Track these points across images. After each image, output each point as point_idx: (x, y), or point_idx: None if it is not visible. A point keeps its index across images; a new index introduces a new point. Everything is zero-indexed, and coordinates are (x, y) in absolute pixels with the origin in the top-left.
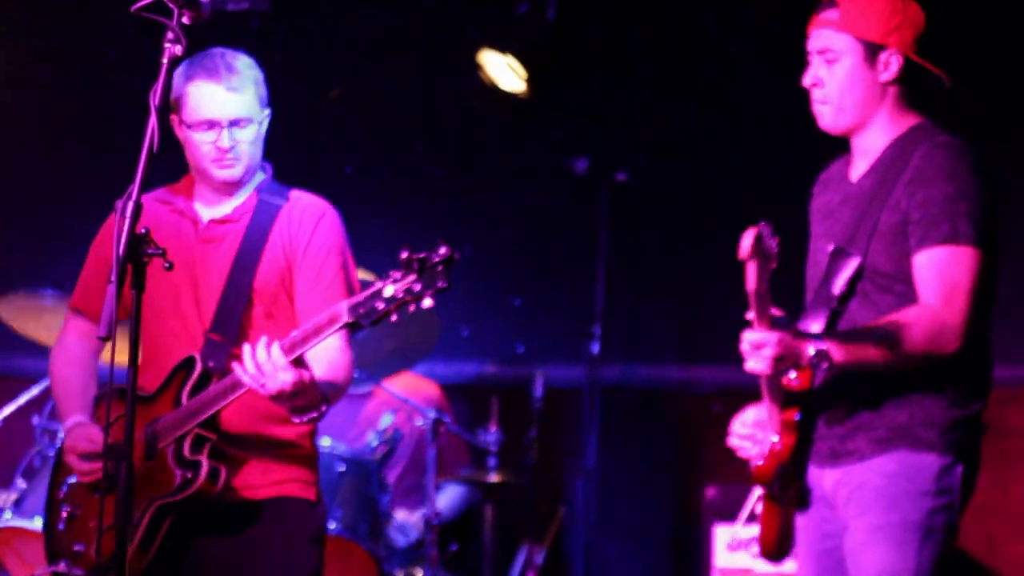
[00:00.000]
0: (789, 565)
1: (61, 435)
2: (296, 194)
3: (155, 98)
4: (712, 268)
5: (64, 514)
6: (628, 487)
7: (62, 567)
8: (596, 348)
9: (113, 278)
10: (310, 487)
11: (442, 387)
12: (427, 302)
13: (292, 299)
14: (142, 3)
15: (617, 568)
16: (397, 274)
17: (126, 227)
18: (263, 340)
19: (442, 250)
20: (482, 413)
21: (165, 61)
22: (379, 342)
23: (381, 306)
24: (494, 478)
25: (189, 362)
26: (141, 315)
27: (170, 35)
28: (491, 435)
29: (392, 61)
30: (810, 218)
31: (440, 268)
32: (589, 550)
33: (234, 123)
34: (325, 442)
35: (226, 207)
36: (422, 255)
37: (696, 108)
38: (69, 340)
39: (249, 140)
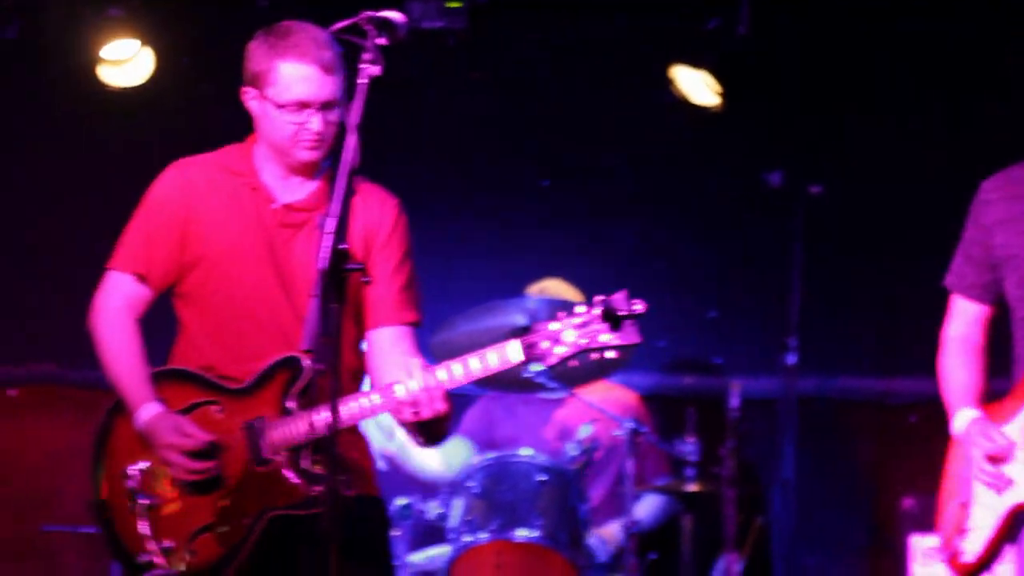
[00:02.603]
0: None
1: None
2: (363, 182)
3: (355, 117)
4: (910, 279)
5: (144, 504)
6: (825, 498)
7: (145, 560)
8: (792, 359)
9: (317, 292)
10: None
11: (640, 397)
12: (610, 353)
13: (366, 291)
14: (340, 25)
15: None
16: (579, 318)
17: (329, 242)
18: (416, 363)
19: (638, 306)
20: (678, 424)
21: (363, 81)
22: None
23: (562, 351)
24: (692, 488)
25: (291, 363)
26: (216, 294)
27: (367, 56)
28: (689, 445)
29: (586, 75)
30: (988, 220)
31: (631, 322)
32: (788, 561)
33: (325, 105)
34: (525, 452)
35: (299, 191)
36: (615, 305)
37: (890, 120)
38: (116, 305)
39: (335, 122)
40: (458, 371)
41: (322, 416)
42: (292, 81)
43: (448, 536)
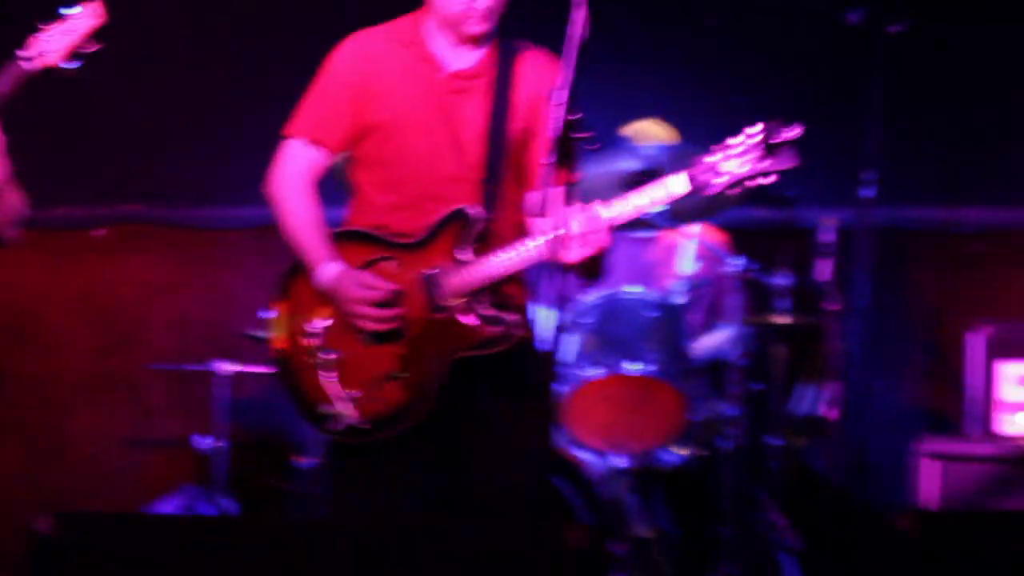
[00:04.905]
0: None
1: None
2: (522, 44)
3: None
4: (981, 112)
5: (328, 358)
6: (897, 326)
7: (327, 410)
8: (869, 192)
9: (549, 159)
10: None
11: (726, 230)
12: (769, 179)
13: (530, 151)
14: None
15: (881, 400)
16: (737, 148)
17: (561, 113)
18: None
19: (795, 130)
20: (766, 257)
21: None
22: None
23: (724, 180)
24: (786, 320)
25: (461, 215)
26: (390, 158)
27: None
28: (781, 279)
29: None
30: None
31: (788, 147)
32: (859, 385)
33: None
34: (634, 288)
35: (466, 59)
36: (771, 132)
37: None
38: (296, 171)
39: None
40: (622, 207)
41: (495, 261)
42: None
43: (564, 372)
